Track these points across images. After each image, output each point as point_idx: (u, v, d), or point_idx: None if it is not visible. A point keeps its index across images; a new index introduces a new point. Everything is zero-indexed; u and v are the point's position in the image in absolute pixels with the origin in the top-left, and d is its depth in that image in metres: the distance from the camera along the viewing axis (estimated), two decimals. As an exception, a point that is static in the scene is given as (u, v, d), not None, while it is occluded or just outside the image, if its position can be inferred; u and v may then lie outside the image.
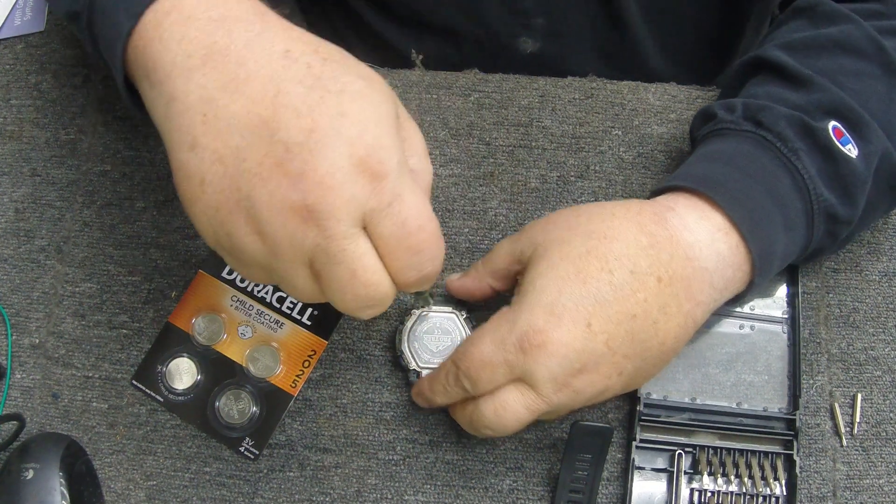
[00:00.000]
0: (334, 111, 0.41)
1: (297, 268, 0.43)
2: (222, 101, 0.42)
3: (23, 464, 0.53)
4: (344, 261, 0.42)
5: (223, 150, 0.42)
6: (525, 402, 0.49)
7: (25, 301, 0.61)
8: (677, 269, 0.49)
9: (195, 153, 0.42)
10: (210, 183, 0.42)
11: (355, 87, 0.43)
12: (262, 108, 0.41)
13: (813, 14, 0.59)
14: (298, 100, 0.41)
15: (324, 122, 0.41)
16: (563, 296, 0.48)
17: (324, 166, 0.41)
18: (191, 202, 0.43)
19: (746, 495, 0.56)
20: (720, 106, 0.56)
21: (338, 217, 0.41)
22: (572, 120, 0.65)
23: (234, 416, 0.57)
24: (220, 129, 0.42)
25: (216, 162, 0.42)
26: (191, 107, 0.43)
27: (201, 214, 0.43)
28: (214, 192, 0.42)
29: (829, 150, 0.52)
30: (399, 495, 0.56)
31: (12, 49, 0.68)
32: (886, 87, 0.55)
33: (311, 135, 0.41)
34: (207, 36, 0.44)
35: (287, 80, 0.42)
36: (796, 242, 0.52)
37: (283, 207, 0.41)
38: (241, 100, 0.42)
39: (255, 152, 0.41)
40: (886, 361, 0.59)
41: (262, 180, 0.41)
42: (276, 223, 0.41)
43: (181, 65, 0.43)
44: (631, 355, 0.49)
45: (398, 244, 0.43)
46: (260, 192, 0.41)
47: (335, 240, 0.41)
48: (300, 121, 0.41)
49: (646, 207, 0.51)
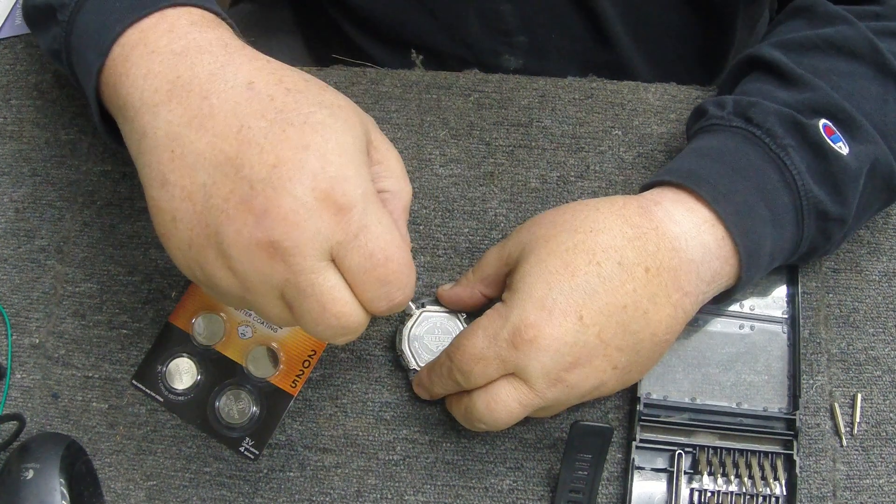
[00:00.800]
0: (297, 144, 0.41)
1: (269, 300, 0.43)
2: (189, 138, 0.42)
3: (23, 464, 0.53)
4: (313, 294, 0.42)
5: (191, 186, 0.42)
6: (518, 396, 0.49)
7: (25, 301, 0.61)
8: (664, 260, 0.49)
9: (165, 190, 0.43)
10: (181, 220, 0.43)
11: (317, 117, 0.43)
12: (227, 144, 0.42)
13: (810, 14, 0.59)
14: (260, 135, 0.42)
15: (286, 157, 0.41)
16: (552, 290, 0.49)
17: (287, 202, 0.41)
18: (165, 238, 0.44)
19: (746, 495, 0.56)
20: (711, 103, 0.56)
21: (304, 252, 0.41)
22: (572, 120, 0.65)
23: (234, 416, 0.57)
24: (188, 166, 0.42)
25: (185, 199, 0.42)
26: (159, 143, 0.43)
27: (175, 250, 0.44)
28: (185, 229, 0.43)
29: (819, 146, 0.52)
30: (399, 495, 0.56)
31: (12, 49, 0.68)
32: (881, 89, 0.55)
33: (274, 170, 0.41)
34: (171, 70, 0.44)
35: (250, 114, 0.42)
36: (786, 239, 0.53)
37: (250, 245, 0.41)
38: (206, 136, 0.42)
39: (222, 189, 0.41)
40: (886, 361, 0.59)
41: (228, 217, 0.41)
42: (244, 260, 0.42)
43: (148, 100, 0.44)
44: (624, 347, 0.49)
45: (366, 276, 0.43)
46: (227, 229, 0.41)
47: (303, 274, 0.42)
48: (263, 156, 0.41)
49: (630, 201, 0.52)
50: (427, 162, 0.63)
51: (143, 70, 0.45)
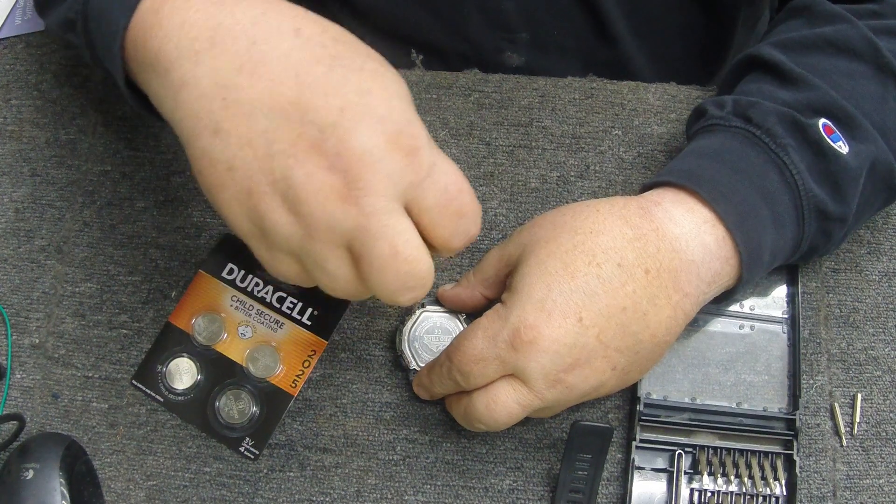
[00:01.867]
0: (359, 89, 0.41)
1: (333, 250, 0.42)
2: (242, 84, 0.41)
3: (23, 464, 0.53)
4: (386, 236, 0.41)
5: (250, 133, 0.41)
6: (517, 397, 0.49)
7: (25, 301, 0.61)
8: (664, 261, 0.49)
9: (219, 138, 0.41)
10: (238, 168, 0.41)
11: (371, 65, 0.43)
12: (287, 88, 0.41)
13: (810, 14, 0.59)
14: (322, 79, 0.41)
15: (352, 100, 0.41)
16: (552, 291, 0.49)
17: (360, 144, 0.40)
18: (218, 189, 0.42)
19: (746, 495, 0.56)
20: (711, 103, 0.56)
21: (378, 193, 0.41)
22: (572, 120, 0.65)
23: (234, 416, 0.57)
24: (244, 113, 0.41)
25: (244, 146, 0.41)
26: (206, 92, 0.42)
27: (231, 200, 0.42)
28: (244, 177, 0.41)
29: (819, 146, 0.52)
30: (399, 495, 0.56)
31: (12, 49, 0.68)
32: (880, 88, 0.55)
33: (343, 114, 0.40)
34: (210, 18, 0.43)
35: (304, 60, 0.41)
36: (787, 238, 0.53)
37: (323, 187, 0.40)
38: (260, 82, 0.41)
39: (286, 134, 0.40)
40: (886, 361, 0.59)
41: (297, 162, 0.40)
42: (314, 203, 0.40)
43: (187, 49, 0.42)
44: (623, 349, 0.49)
45: (444, 211, 0.43)
46: (297, 173, 0.40)
47: (376, 216, 0.41)
48: (329, 100, 0.41)
49: (631, 202, 0.52)
50: (427, 162, 0.63)
51: (177, 20, 0.43)
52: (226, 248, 0.61)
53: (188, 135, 0.43)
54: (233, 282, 0.60)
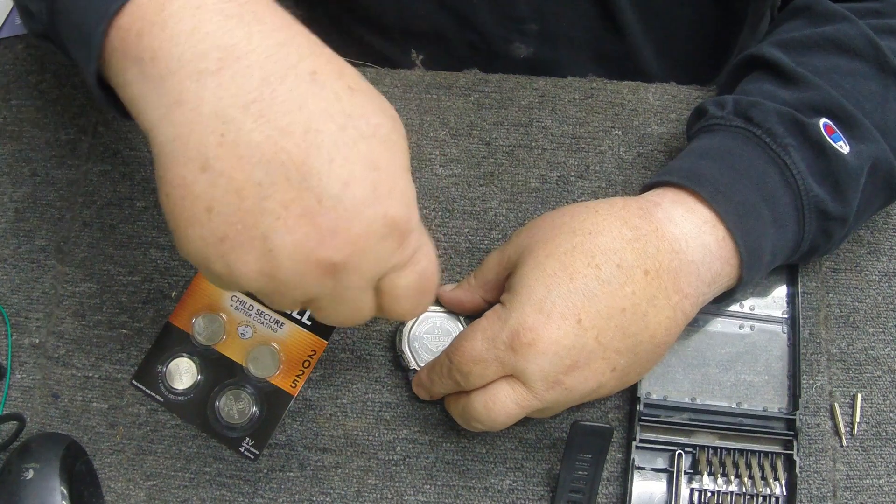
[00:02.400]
0: (368, 162, 0.39)
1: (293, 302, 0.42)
2: (245, 125, 0.38)
3: (23, 464, 0.53)
4: (350, 303, 0.42)
5: (242, 181, 0.38)
6: (515, 397, 0.49)
7: (25, 301, 0.61)
8: (664, 262, 0.49)
9: (205, 176, 0.38)
10: (219, 213, 0.38)
11: (383, 131, 0.40)
12: (292, 144, 0.38)
13: (810, 14, 0.59)
14: (330, 141, 0.38)
15: (358, 175, 0.39)
16: (551, 293, 0.49)
17: (358, 227, 0.39)
18: (186, 223, 0.39)
19: (746, 495, 0.56)
20: (711, 103, 0.56)
21: (360, 275, 0.41)
22: (572, 120, 0.65)
23: (234, 416, 0.57)
24: (241, 157, 0.38)
25: (231, 192, 0.38)
26: (203, 120, 0.38)
27: (198, 240, 0.39)
28: (222, 223, 0.39)
29: (820, 145, 0.52)
30: (399, 495, 0.56)
31: (12, 49, 0.68)
32: (881, 87, 0.55)
33: (346, 189, 0.38)
34: (225, 35, 0.39)
35: (317, 113, 0.39)
36: (787, 238, 0.52)
37: (307, 259, 0.39)
38: (266, 128, 0.38)
39: (281, 193, 0.38)
40: (886, 361, 0.59)
41: (286, 226, 0.38)
42: (293, 270, 0.39)
43: (191, 64, 0.38)
44: (622, 350, 0.49)
45: (413, 291, 0.43)
46: (282, 237, 0.38)
47: (350, 291, 0.41)
48: (333, 169, 0.38)
49: (630, 203, 0.51)
50: (427, 162, 0.63)
51: (187, 26, 0.39)
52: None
53: (169, 157, 0.39)
54: (233, 282, 0.60)
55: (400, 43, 0.75)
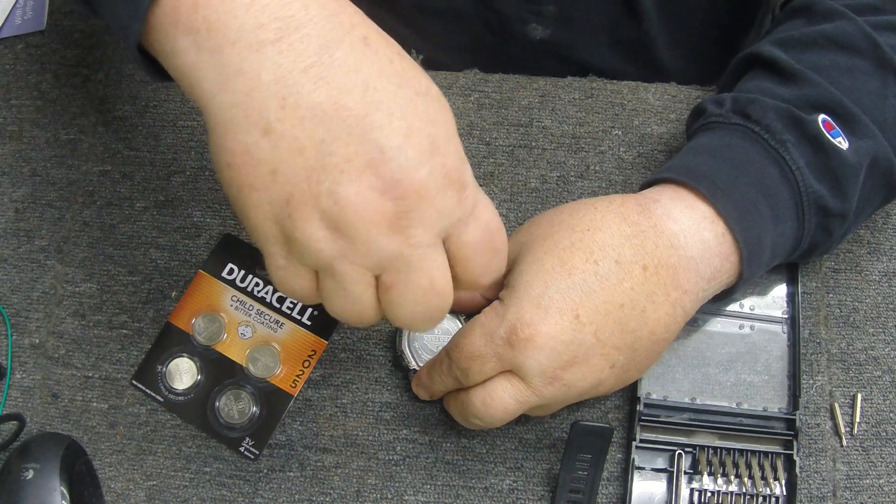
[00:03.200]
0: (426, 116, 0.40)
1: (364, 274, 0.41)
2: (305, 87, 0.39)
3: (23, 464, 0.53)
4: (424, 269, 0.41)
5: (306, 140, 0.39)
6: (514, 393, 0.49)
7: (25, 301, 0.61)
8: (662, 258, 0.49)
9: (269, 139, 0.39)
10: (284, 173, 0.39)
11: (434, 91, 0.41)
12: (352, 100, 0.39)
13: (810, 13, 0.59)
14: (389, 98, 0.39)
15: (418, 127, 0.39)
16: (549, 288, 0.49)
17: (421, 175, 0.39)
18: (250, 189, 0.40)
19: (746, 495, 0.56)
20: (710, 101, 0.56)
21: (427, 227, 0.40)
22: (572, 120, 0.65)
23: (234, 416, 0.57)
24: (303, 118, 0.39)
25: (295, 152, 0.39)
26: (264, 86, 0.39)
27: (264, 204, 0.40)
28: (287, 183, 0.39)
29: (819, 141, 0.52)
30: (399, 495, 0.56)
31: (12, 49, 0.68)
32: (880, 84, 0.55)
33: (408, 140, 0.39)
34: (283, 7, 0.40)
35: (373, 73, 0.40)
36: (787, 235, 0.52)
37: (372, 210, 0.39)
38: (326, 88, 0.39)
39: (344, 148, 0.39)
40: (886, 361, 0.59)
41: (349, 178, 0.39)
42: (359, 225, 0.39)
43: (250, 35, 0.39)
44: (621, 346, 0.49)
45: (482, 247, 0.43)
46: (347, 190, 0.39)
47: (420, 248, 0.40)
48: (395, 122, 0.39)
49: (629, 199, 0.52)
50: (427, 162, 0.63)
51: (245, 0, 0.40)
52: (226, 248, 0.61)
53: (228, 126, 0.40)
54: (233, 282, 0.60)
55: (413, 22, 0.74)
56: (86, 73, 0.67)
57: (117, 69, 0.67)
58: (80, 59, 0.67)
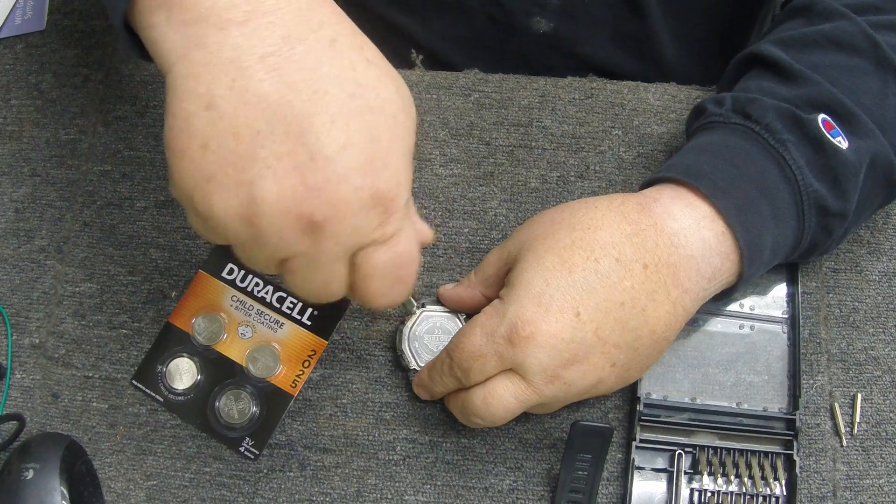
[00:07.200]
0: (369, 132, 0.40)
1: (268, 258, 0.42)
2: (257, 75, 0.39)
3: (23, 464, 0.53)
4: (323, 273, 0.42)
5: (242, 127, 0.39)
6: (515, 391, 0.49)
7: (25, 301, 0.61)
8: (663, 257, 0.49)
9: (208, 114, 0.39)
10: (213, 152, 0.40)
11: (391, 108, 0.41)
12: (298, 100, 0.39)
13: (810, 13, 0.59)
14: (336, 105, 0.40)
15: (356, 142, 0.40)
16: (550, 287, 0.49)
17: (344, 190, 0.39)
18: (181, 155, 0.41)
19: (746, 495, 0.56)
20: (710, 101, 0.56)
21: (338, 240, 0.41)
22: (572, 120, 0.65)
23: (234, 416, 0.57)
24: (246, 103, 0.39)
25: (230, 135, 0.39)
26: (219, 63, 0.40)
27: (187, 174, 0.41)
28: (214, 162, 0.40)
29: (819, 140, 0.52)
30: (399, 495, 0.56)
31: (12, 49, 0.68)
32: (880, 83, 0.55)
33: (342, 152, 0.39)
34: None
35: (329, 77, 0.40)
36: (787, 234, 0.52)
37: (289, 212, 0.40)
38: (276, 80, 0.39)
39: (277, 145, 0.39)
40: (886, 361, 0.59)
41: (274, 176, 0.39)
42: (273, 222, 0.40)
43: (219, 14, 0.40)
44: (622, 344, 0.49)
45: (387, 273, 0.43)
46: (269, 186, 0.39)
47: (326, 256, 0.41)
48: (333, 132, 0.39)
49: (629, 198, 0.52)
50: (427, 162, 0.63)
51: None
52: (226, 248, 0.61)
53: (178, 92, 0.41)
54: (233, 282, 0.60)
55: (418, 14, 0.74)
56: (86, 73, 0.67)
57: (117, 69, 0.67)
58: (80, 59, 0.67)
